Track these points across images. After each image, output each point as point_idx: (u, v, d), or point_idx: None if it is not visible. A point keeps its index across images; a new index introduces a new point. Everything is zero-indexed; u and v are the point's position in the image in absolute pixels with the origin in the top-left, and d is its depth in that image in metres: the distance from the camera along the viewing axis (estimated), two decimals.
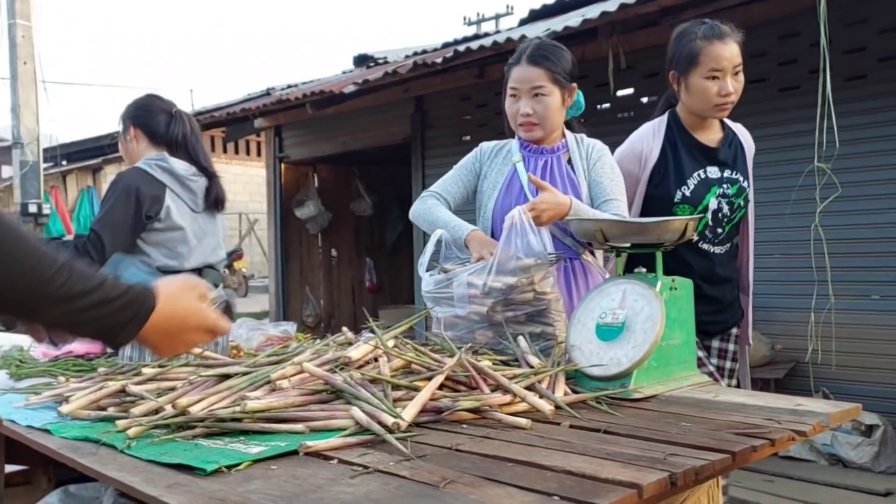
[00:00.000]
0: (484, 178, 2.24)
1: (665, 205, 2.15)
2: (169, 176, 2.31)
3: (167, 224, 2.27)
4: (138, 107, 2.44)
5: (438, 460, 1.17)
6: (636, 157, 2.19)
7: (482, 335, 1.88)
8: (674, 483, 1.05)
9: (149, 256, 2.27)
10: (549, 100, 2.10)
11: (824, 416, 1.36)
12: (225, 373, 1.61)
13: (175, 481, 1.12)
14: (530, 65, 2.10)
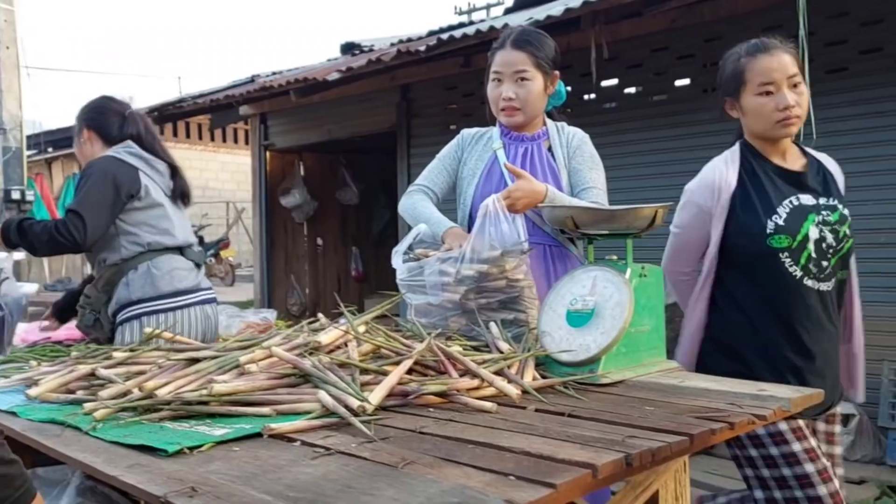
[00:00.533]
0: (464, 165, 2.24)
1: (756, 237, 1.87)
2: (139, 160, 2.33)
3: (147, 202, 2.29)
4: (91, 109, 2.45)
5: (401, 442, 1.18)
6: (708, 188, 1.96)
7: (455, 322, 1.89)
8: (629, 464, 1.06)
9: (136, 235, 2.28)
10: (532, 84, 2.10)
11: (785, 402, 1.38)
12: (194, 357, 1.61)
13: (136, 462, 1.12)
14: (514, 49, 2.10)
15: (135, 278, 2.26)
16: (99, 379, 1.60)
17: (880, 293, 3.79)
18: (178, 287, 2.30)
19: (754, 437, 1.85)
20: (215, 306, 2.48)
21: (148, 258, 2.28)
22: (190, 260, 2.40)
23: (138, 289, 2.25)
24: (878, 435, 3.65)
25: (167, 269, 2.30)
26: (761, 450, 1.85)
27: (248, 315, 3.39)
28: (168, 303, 2.28)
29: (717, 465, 3.59)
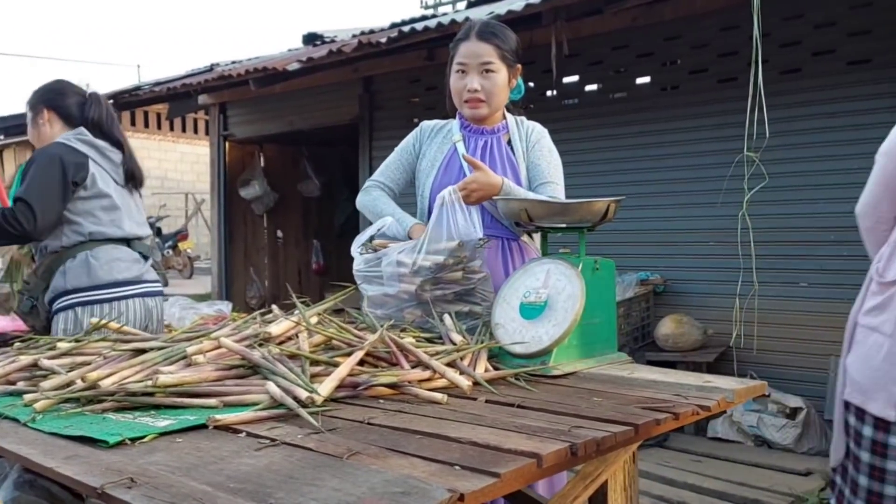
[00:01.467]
0: (423, 157, 2.23)
1: None
2: (90, 147, 2.28)
3: (93, 192, 2.24)
4: (50, 90, 2.40)
5: (348, 433, 1.17)
6: None
7: (411, 313, 1.88)
8: (574, 453, 1.07)
9: (79, 224, 2.23)
10: (497, 77, 2.10)
11: (729, 393, 1.40)
12: (141, 347, 1.58)
13: (75, 453, 1.10)
14: (480, 41, 2.09)
15: (72, 267, 2.21)
16: (42, 370, 1.56)
17: (829, 290, 3.89)
18: (117, 278, 2.24)
19: None
20: (160, 300, 2.43)
21: (88, 247, 2.23)
22: (137, 252, 2.35)
23: (74, 278, 2.20)
24: (824, 428, 3.76)
25: (106, 259, 2.24)
26: None
27: (202, 307, 3.33)
28: (105, 293, 2.22)
29: (669, 457, 3.65)
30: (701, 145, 4.42)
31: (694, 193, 4.43)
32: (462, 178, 2.07)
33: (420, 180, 2.23)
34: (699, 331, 4.11)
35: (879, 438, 1.47)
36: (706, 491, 3.24)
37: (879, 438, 1.47)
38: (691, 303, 4.41)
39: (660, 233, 4.56)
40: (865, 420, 1.49)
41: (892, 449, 1.46)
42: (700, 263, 4.43)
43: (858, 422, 1.51)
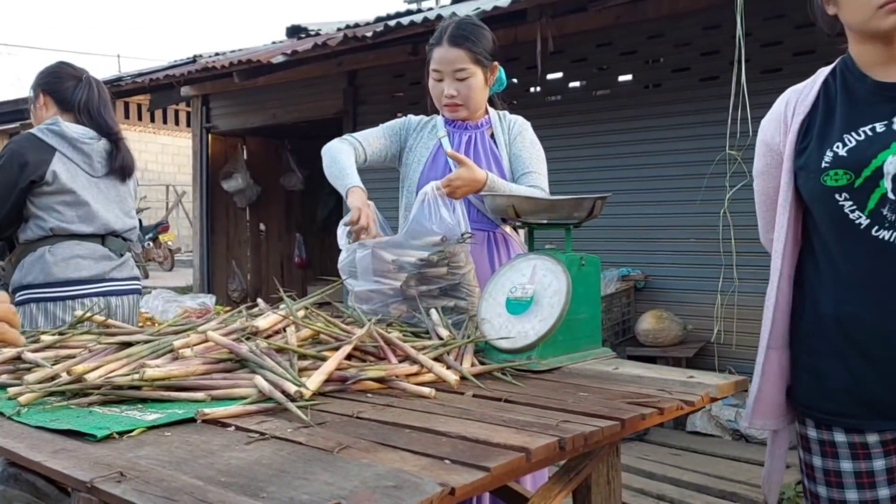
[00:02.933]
0: (410, 151, 2.24)
1: (811, 176, 1.40)
2: (58, 139, 2.23)
3: (56, 188, 2.19)
4: (48, 73, 2.38)
5: (337, 427, 1.18)
6: (775, 120, 1.53)
7: (396, 309, 1.89)
8: (562, 447, 1.08)
9: (41, 219, 2.19)
10: (473, 80, 2.11)
11: (713, 388, 1.43)
12: (126, 341, 1.57)
13: (62, 447, 1.09)
14: (451, 46, 2.09)
15: (28, 262, 2.17)
16: (25, 363, 1.54)
17: None
18: (72, 276, 2.18)
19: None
20: (130, 298, 2.35)
21: (49, 242, 2.18)
22: (108, 248, 2.29)
23: (29, 273, 2.16)
24: None
25: (65, 255, 2.19)
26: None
27: (185, 300, 3.32)
28: (58, 291, 2.16)
29: (649, 451, 3.70)
30: (682, 143, 4.47)
31: (675, 191, 4.47)
32: (448, 172, 2.09)
33: (406, 174, 2.24)
34: (679, 326, 4.15)
35: (807, 460, 1.52)
36: (685, 484, 3.29)
37: (807, 460, 1.52)
38: (671, 299, 4.46)
39: (641, 229, 4.60)
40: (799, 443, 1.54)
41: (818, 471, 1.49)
42: (680, 260, 4.48)
43: None
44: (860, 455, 1.40)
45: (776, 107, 1.55)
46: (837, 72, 1.47)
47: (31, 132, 2.24)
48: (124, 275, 2.33)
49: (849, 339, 1.38)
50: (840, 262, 1.39)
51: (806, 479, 1.51)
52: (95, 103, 2.33)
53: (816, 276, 1.45)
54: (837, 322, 1.39)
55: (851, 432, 1.40)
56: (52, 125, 2.25)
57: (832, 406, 1.42)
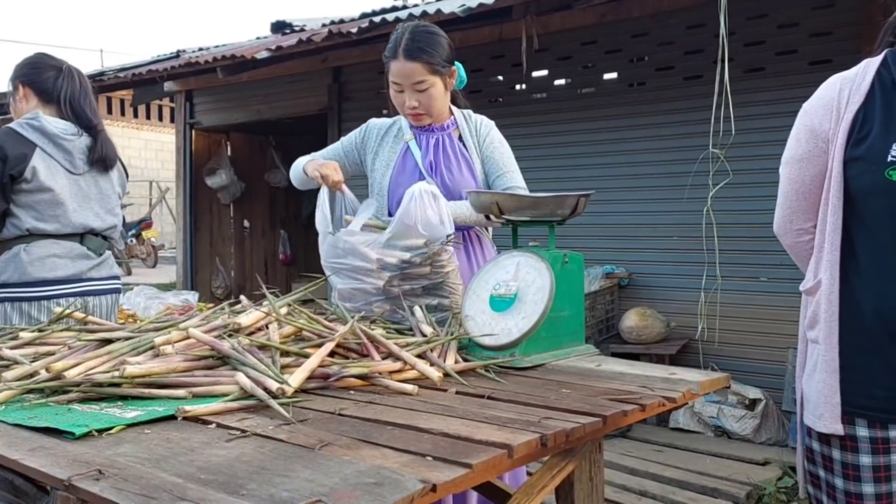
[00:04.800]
0: (375, 156, 2.25)
1: (871, 168, 1.37)
2: (39, 134, 2.18)
3: (34, 185, 2.14)
4: (27, 64, 2.32)
5: (319, 424, 1.17)
6: (825, 106, 1.47)
7: (379, 307, 1.89)
8: (544, 444, 1.09)
9: (18, 218, 2.14)
10: (433, 90, 2.11)
11: (694, 385, 1.44)
12: (107, 338, 1.56)
13: (40, 445, 1.08)
14: (407, 60, 2.07)
15: (3, 260, 2.13)
16: (3, 360, 1.53)
17: (787, 284, 3.98)
18: (47, 276, 2.15)
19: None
20: (109, 297, 2.32)
21: (25, 241, 2.14)
22: (87, 247, 2.25)
23: (3, 272, 2.12)
24: (782, 418, 3.86)
25: (41, 254, 2.15)
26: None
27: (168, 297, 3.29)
28: (33, 291, 2.13)
29: (631, 448, 3.72)
30: (666, 141, 4.49)
31: (659, 189, 4.50)
32: (418, 175, 2.13)
33: (374, 178, 2.25)
34: (662, 323, 4.18)
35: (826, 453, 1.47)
36: (667, 480, 3.31)
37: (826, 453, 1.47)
38: (655, 296, 4.49)
39: (625, 227, 4.62)
40: (812, 436, 1.52)
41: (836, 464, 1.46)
42: (664, 257, 4.50)
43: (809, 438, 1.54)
44: (880, 450, 1.41)
45: (825, 92, 1.50)
46: (890, 63, 1.44)
47: (10, 126, 2.19)
48: (103, 274, 2.28)
49: (888, 334, 1.38)
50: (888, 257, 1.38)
51: (822, 470, 1.49)
52: (77, 94, 2.28)
53: (856, 271, 1.43)
54: (878, 317, 1.39)
55: (874, 427, 1.41)
56: (33, 120, 2.20)
57: (863, 400, 1.42)
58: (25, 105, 2.29)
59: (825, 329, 1.46)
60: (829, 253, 1.46)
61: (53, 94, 2.28)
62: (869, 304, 1.41)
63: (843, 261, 1.45)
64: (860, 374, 1.42)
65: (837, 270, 1.44)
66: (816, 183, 1.50)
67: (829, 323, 1.45)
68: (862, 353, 1.42)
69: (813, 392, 1.49)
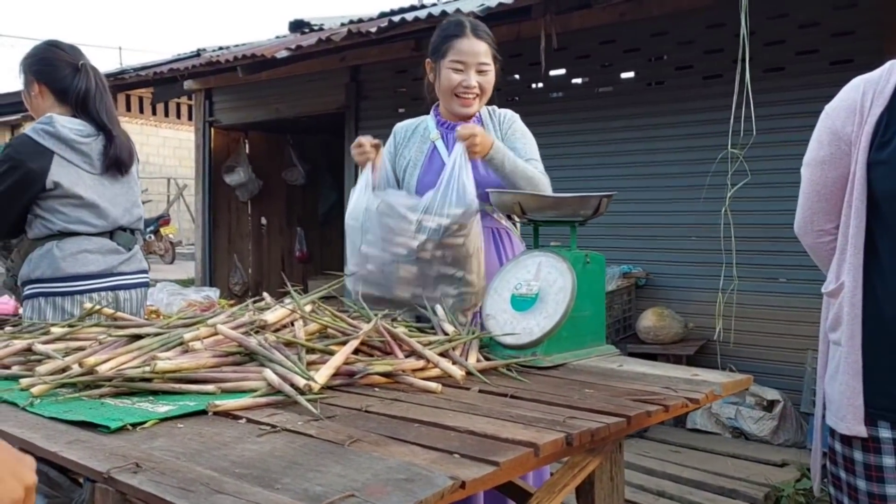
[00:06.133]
0: (401, 157, 2.26)
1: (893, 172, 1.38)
2: (56, 141, 2.14)
3: (59, 192, 2.14)
4: (40, 60, 2.24)
5: (346, 421, 1.19)
6: (848, 108, 1.48)
7: (406, 270, 1.88)
8: (569, 443, 1.10)
9: (48, 221, 2.15)
10: (491, 75, 2.15)
11: (717, 386, 1.44)
12: (136, 333, 1.59)
13: (77, 438, 1.11)
14: (477, 39, 2.11)
15: (36, 256, 2.15)
16: (36, 354, 1.56)
17: (806, 285, 3.97)
18: (81, 271, 2.16)
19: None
20: (138, 291, 2.34)
21: (57, 238, 2.16)
22: (117, 242, 2.27)
23: (37, 268, 2.14)
24: (800, 420, 3.84)
25: (73, 250, 2.16)
26: None
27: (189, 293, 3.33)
28: (67, 286, 2.14)
29: (648, 448, 3.72)
30: (684, 141, 4.47)
31: (676, 188, 4.49)
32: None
33: (404, 180, 2.26)
34: (680, 324, 4.17)
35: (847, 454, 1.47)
36: (684, 480, 3.31)
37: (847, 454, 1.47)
38: (672, 296, 4.48)
39: (642, 227, 4.61)
40: (835, 437, 1.52)
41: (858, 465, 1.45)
42: (681, 258, 4.49)
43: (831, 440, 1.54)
44: None
45: (848, 94, 1.50)
46: None
47: (27, 134, 2.15)
48: (132, 268, 2.30)
49: None
50: None
51: (844, 471, 1.49)
52: (94, 95, 2.23)
53: (879, 273, 1.43)
54: None
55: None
56: (48, 125, 2.15)
57: (885, 402, 1.42)
58: (42, 102, 2.24)
59: (848, 331, 1.47)
60: (851, 255, 1.46)
61: (70, 94, 2.22)
62: (892, 307, 1.41)
63: (866, 263, 1.45)
64: (883, 375, 1.43)
65: (861, 273, 1.45)
66: (838, 185, 1.51)
67: (852, 325, 1.45)
68: (885, 355, 1.42)
69: (835, 394, 1.50)
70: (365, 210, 1.98)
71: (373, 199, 1.97)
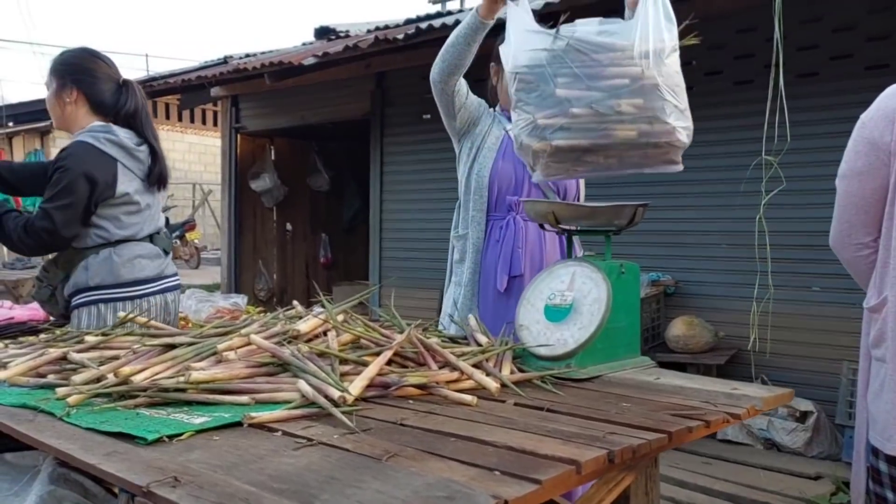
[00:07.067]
0: (483, 136, 2.26)
1: None
2: (118, 149, 2.17)
3: (120, 200, 2.17)
4: (82, 69, 2.24)
5: (382, 434, 1.18)
6: (885, 117, 1.46)
7: (629, 104, 1.63)
8: (611, 460, 1.08)
9: (104, 230, 2.17)
10: None
11: (758, 401, 1.41)
12: (170, 343, 1.59)
13: (114, 449, 1.10)
14: None
15: (94, 263, 2.16)
16: (71, 363, 1.57)
17: (841, 294, 3.89)
18: (139, 276, 2.20)
19: None
20: (177, 293, 2.39)
21: (112, 245, 2.18)
22: (158, 246, 2.30)
23: (97, 275, 2.16)
24: (834, 432, 3.76)
25: (129, 256, 2.20)
26: None
27: (218, 300, 3.34)
28: (127, 291, 2.18)
29: (679, 459, 3.66)
30: (715, 147, 4.41)
31: (706, 195, 4.43)
32: (519, 163, 2.13)
33: (478, 161, 2.25)
34: (710, 333, 4.11)
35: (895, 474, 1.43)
36: (716, 493, 3.25)
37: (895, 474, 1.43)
38: (702, 305, 4.41)
39: (671, 234, 4.56)
40: (879, 456, 1.48)
41: None
42: (711, 265, 4.43)
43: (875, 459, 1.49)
44: None
45: (885, 103, 1.47)
46: None
47: (87, 142, 2.13)
48: (172, 271, 2.36)
49: None
50: None
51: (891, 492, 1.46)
52: (142, 113, 2.25)
53: None
54: None
55: None
56: (108, 134, 2.16)
57: None
58: (74, 110, 2.23)
59: (893, 347, 1.43)
60: (894, 269, 1.42)
61: (108, 108, 2.23)
62: None
63: None
64: None
65: None
66: (877, 196, 1.48)
67: None
68: None
69: (881, 412, 1.45)
70: (541, 52, 1.67)
71: (547, 38, 1.67)
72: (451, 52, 2.14)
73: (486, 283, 2.21)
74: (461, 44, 2.11)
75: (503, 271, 2.17)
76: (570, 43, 1.64)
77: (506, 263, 2.17)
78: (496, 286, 2.18)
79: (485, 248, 2.23)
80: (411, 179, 6.04)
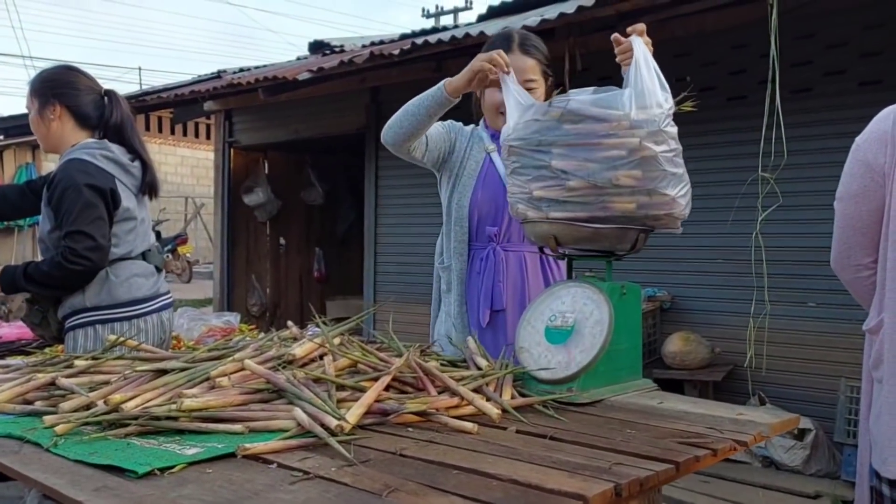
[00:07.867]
0: (460, 162, 2.13)
1: None
2: (114, 165, 2.15)
3: (122, 216, 2.14)
4: (63, 83, 2.19)
5: (382, 466, 1.14)
6: (878, 140, 1.47)
7: (627, 176, 1.57)
8: (619, 494, 1.04)
9: None
10: (539, 92, 2.04)
11: (765, 427, 1.38)
12: (162, 368, 1.55)
13: (103, 484, 1.06)
14: (523, 55, 2.02)
15: (90, 284, 2.12)
16: (59, 389, 1.53)
17: (838, 310, 3.88)
18: (136, 296, 2.17)
19: None
20: (171, 311, 2.36)
21: (108, 265, 2.14)
22: (151, 264, 2.26)
23: (94, 296, 2.12)
24: (833, 450, 3.73)
25: (125, 276, 2.16)
26: None
27: (210, 318, 3.30)
28: (124, 311, 2.15)
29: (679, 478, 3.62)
30: (709, 162, 4.41)
31: (701, 210, 4.40)
32: (502, 188, 2.00)
33: (457, 189, 2.13)
34: (706, 349, 4.08)
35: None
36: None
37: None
38: (698, 320, 4.39)
39: (667, 249, 4.54)
40: (882, 479, 1.45)
41: None
42: (707, 281, 4.41)
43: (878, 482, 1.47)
44: None
45: (879, 125, 1.47)
46: None
47: (84, 159, 2.10)
48: (166, 289, 2.32)
49: None
50: None
51: None
52: (127, 124, 2.22)
53: None
54: None
55: None
56: (104, 150, 2.14)
57: None
58: (59, 126, 2.18)
59: (889, 369, 1.41)
60: (891, 290, 1.41)
61: (94, 121, 2.19)
62: None
63: None
64: None
65: None
66: (874, 218, 1.48)
67: (893, 363, 1.39)
68: None
69: (880, 435, 1.43)
70: (535, 122, 1.64)
71: (543, 107, 1.64)
72: (410, 120, 2.02)
73: (472, 314, 2.12)
74: (422, 115, 1.99)
75: (485, 305, 2.07)
76: (563, 114, 1.59)
77: (487, 298, 2.06)
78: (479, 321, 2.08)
79: (467, 280, 2.12)
80: (406, 194, 6.02)
